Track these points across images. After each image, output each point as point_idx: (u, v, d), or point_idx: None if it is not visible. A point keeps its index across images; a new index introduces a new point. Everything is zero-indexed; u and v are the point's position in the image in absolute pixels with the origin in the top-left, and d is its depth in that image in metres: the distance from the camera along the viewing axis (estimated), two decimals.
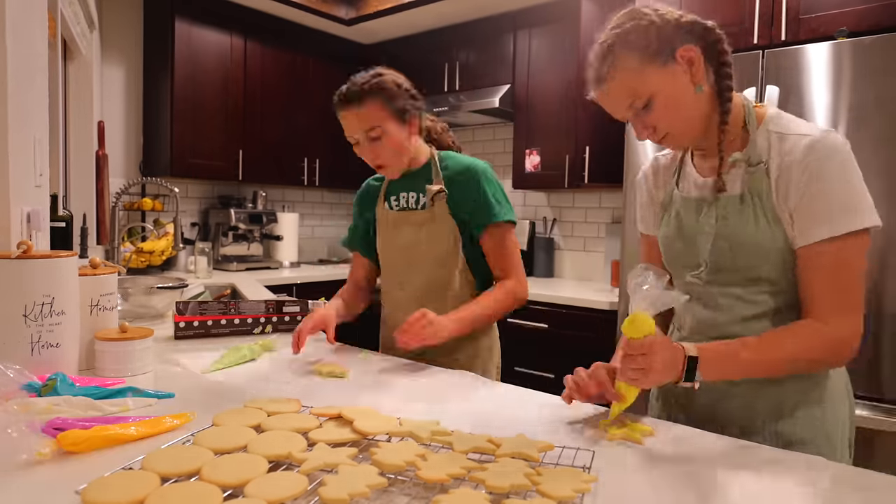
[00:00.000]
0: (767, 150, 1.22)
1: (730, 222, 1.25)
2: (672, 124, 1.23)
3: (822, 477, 0.99)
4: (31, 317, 1.27)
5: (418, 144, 1.85)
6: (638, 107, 1.22)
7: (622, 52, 1.20)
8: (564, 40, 3.83)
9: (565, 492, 0.86)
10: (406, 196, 1.86)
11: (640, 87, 1.20)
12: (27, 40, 1.60)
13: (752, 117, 1.26)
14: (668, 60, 1.19)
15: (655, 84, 1.20)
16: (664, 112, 1.22)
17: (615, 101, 1.24)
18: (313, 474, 0.89)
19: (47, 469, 0.93)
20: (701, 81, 1.21)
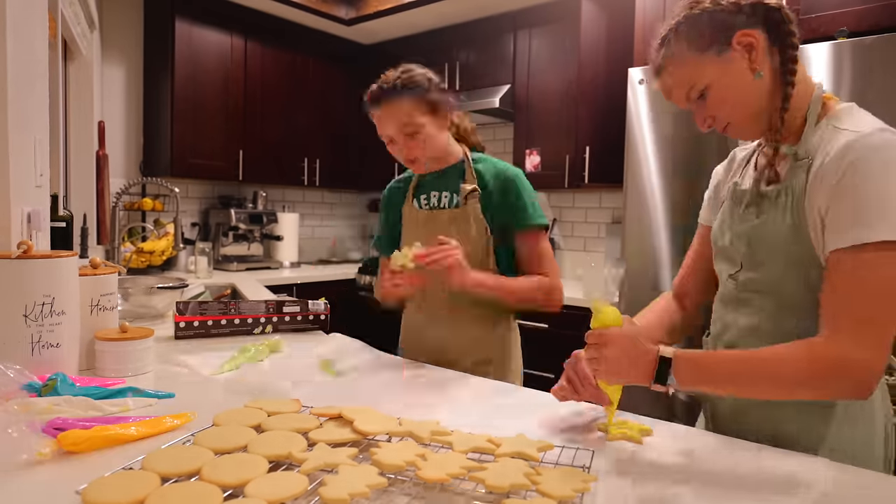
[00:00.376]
0: (818, 145, 1.13)
1: (762, 219, 1.19)
2: (730, 114, 1.19)
3: (822, 476, 0.99)
4: (32, 317, 1.27)
5: (450, 141, 1.83)
6: (694, 97, 1.19)
7: (676, 44, 1.18)
8: (565, 40, 3.83)
9: (565, 491, 0.86)
10: (438, 195, 1.82)
11: (693, 77, 1.17)
12: (28, 41, 1.60)
13: (816, 108, 1.17)
14: (724, 49, 1.14)
15: (710, 74, 1.16)
16: (721, 102, 1.17)
17: (673, 91, 1.22)
18: (313, 474, 0.89)
19: (47, 469, 0.93)
20: (760, 68, 1.14)
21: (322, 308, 2.07)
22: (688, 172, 2.81)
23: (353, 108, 4.97)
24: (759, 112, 1.18)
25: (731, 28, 1.14)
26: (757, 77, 1.15)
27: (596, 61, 3.62)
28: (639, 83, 2.94)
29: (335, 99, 4.84)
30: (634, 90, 2.96)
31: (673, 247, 2.87)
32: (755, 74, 1.15)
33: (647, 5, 3.02)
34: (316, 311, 2.06)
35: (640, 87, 2.94)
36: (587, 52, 3.59)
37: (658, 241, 2.92)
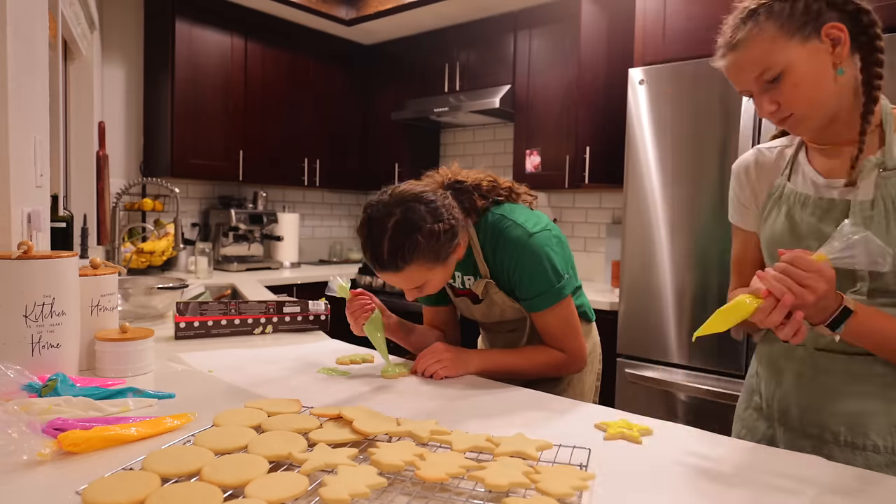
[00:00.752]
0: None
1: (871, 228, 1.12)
2: (800, 104, 1.14)
3: (822, 475, 0.99)
4: (32, 317, 1.27)
5: None
6: (767, 79, 1.14)
7: (764, 19, 1.13)
8: (565, 41, 3.83)
9: (564, 490, 0.86)
10: (461, 278, 1.72)
11: (774, 57, 1.12)
12: (28, 41, 1.60)
13: (890, 118, 1.17)
14: (812, 35, 1.11)
15: (792, 57, 1.12)
16: (794, 89, 1.13)
17: (744, 69, 1.17)
18: (313, 475, 0.89)
19: (47, 469, 0.93)
20: (844, 64, 1.13)
21: (322, 308, 2.07)
22: (688, 173, 2.81)
23: (354, 109, 4.97)
24: (827, 109, 1.16)
25: (822, 18, 1.11)
26: (839, 73, 1.13)
27: (596, 62, 3.62)
28: (639, 83, 2.94)
29: (335, 99, 4.84)
30: (635, 90, 2.96)
31: (673, 247, 2.87)
32: (837, 70, 1.13)
33: (647, 6, 3.02)
34: (316, 311, 2.06)
35: (640, 87, 2.94)
36: (587, 52, 3.59)
37: (658, 241, 2.92)
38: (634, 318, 3.02)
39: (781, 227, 1.27)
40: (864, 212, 1.14)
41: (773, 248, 1.27)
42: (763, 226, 1.32)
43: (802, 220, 1.23)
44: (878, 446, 1.17)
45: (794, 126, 1.19)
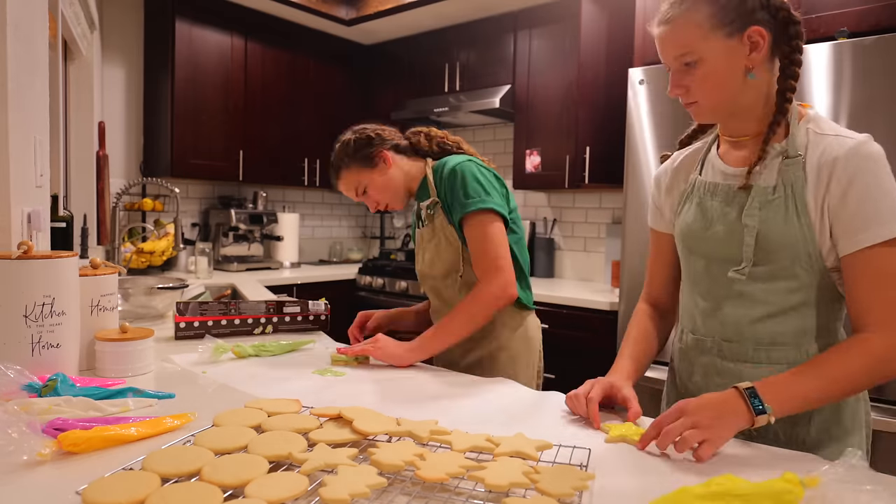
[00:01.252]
0: (805, 145, 1.19)
1: (760, 213, 1.20)
2: (706, 96, 1.20)
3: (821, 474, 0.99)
4: (32, 317, 1.27)
5: (406, 169, 1.87)
6: (684, 61, 1.19)
7: (696, 4, 1.16)
8: (565, 41, 3.83)
9: (564, 490, 0.86)
10: (421, 212, 1.88)
11: (694, 45, 1.17)
12: (28, 41, 1.60)
13: (795, 112, 1.22)
14: (735, 34, 1.15)
15: (709, 50, 1.16)
16: (703, 81, 1.18)
17: (667, 46, 1.21)
18: (313, 474, 0.89)
19: (47, 469, 0.93)
20: (755, 69, 1.18)
21: (322, 308, 2.07)
22: None
23: (354, 109, 4.97)
24: (730, 106, 1.22)
25: (752, 17, 1.15)
26: (749, 77, 1.18)
27: (596, 62, 3.62)
28: (639, 83, 2.94)
29: (335, 99, 4.84)
30: (635, 90, 2.96)
31: None
32: (748, 73, 1.18)
33: (647, 6, 3.02)
34: (316, 311, 2.06)
35: (640, 87, 2.94)
36: (587, 52, 3.59)
37: None
38: None
39: (693, 216, 1.33)
40: (766, 196, 1.20)
41: (686, 238, 1.35)
42: (677, 220, 1.39)
43: (712, 207, 1.29)
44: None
45: (695, 113, 1.25)
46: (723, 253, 1.27)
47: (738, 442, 1.14)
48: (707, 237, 1.29)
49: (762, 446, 1.13)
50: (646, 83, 2.92)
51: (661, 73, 2.88)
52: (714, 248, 1.29)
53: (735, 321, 1.27)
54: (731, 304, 1.27)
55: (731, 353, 1.29)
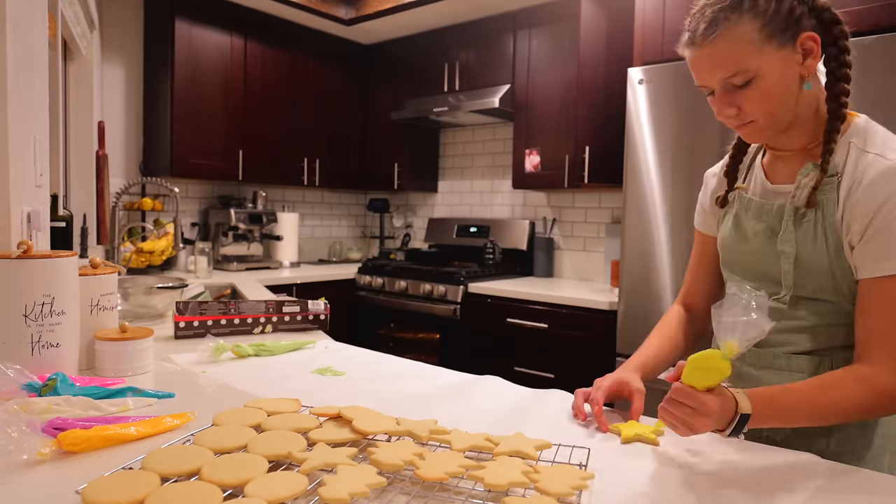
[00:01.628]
0: (843, 163, 1.12)
1: (799, 235, 1.16)
2: (764, 113, 1.11)
3: (819, 474, 0.99)
4: (32, 317, 1.28)
5: None
6: (736, 83, 1.10)
7: (746, 16, 1.07)
8: (564, 40, 3.83)
9: (563, 489, 0.86)
10: None
11: (747, 62, 1.07)
12: (27, 40, 1.60)
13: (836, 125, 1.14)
14: (788, 42, 1.07)
15: (766, 64, 1.07)
16: (761, 97, 1.09)
17: (713, 66, 1.11)
18: (313, 474, 0.89)
19: (47, 469, 0.93)
20: (811, 77, 1.10)
21: (322, 308, 2.07)
22: (687, 172, 2.81)
23: (353, 109, 4.97)
24: (789, 120, 1.14)
25: (801, 24, 1.08)
26: (805, 87, 1.11)
27: (596, 61, 3.62)
28: (638, 83, 2.94)
29: (335, 99, 4.84)
30: (634, 90, 2.96)
31: (673, 247, 2.88)
32: (803, 83, 1.11)
33: (646, 5, 3.02)
34: (316, 311, 2.06)
35: (639, 87, 2.94)
36: (587, 52, 3.59)
37: (658, 240, 2.92)
38: (633, 317, 3.02)
39: (729, 230, 1.29)
40: (798, 218, 1.16)
41: (723, 251, 1.32)
42: (719, 229, 1.35)
43: (747, 225, 1.25)
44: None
45: (751, 133, 1.17)
46: (755, 270, 1.24)
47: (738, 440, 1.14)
48: (740, 253, 1.27)
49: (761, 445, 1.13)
50: (645, 83, 2.92)
51: (660, 73, 2.88)
52: (747, 264, 1.26)
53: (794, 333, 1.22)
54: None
55: (754, 359, 1.27)
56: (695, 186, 2.80)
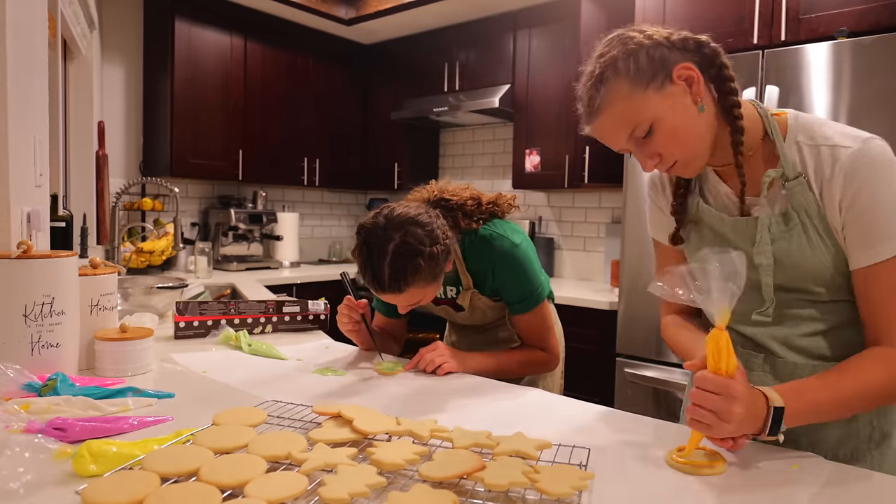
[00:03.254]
0: (801, 162, 1.13)
1: (778, 246, 1.15)
2: (679, 150, 1.13)
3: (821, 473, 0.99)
4: (32, 317, 1.27)
5: None
6: (639, 136, 1.13)
7: (613, 81, 1.10)
8: (564, 40, 3.83)
9: (564, 489, 0.86)
10: (443, 289, 1.80)
11: (638, 114, 1.10)
12: (27, 40, 1.60)
13: (775, 128, 1.16)
14: (665, 82, 1.10)
15: (655, 109, 1.10)
16: (669, 138, 1.11)
17: (612, 132, 1.15)
18: (313, 474, 0.89)
19: (46, 468, 0.92)
20: (702, 100, 1.12)
21: (322, 308, 2.07)
22: None
23: (353, 108, 4.97)
24: (706, 145, 1.15)
25: (668, 62, 1.10)
26: (701, 110, 1.12)
27: None
28: None
29: (335, 99, 4.84)
30: None
31: None
32: (699, 107, 1.12)
33: (646, 5, 3.02)
34: (316, 311, 2.06)
35: None
36: (587, 51, 3.58)
37: None
38: (633, 317, 3.02)
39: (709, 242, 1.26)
40: (780, 226, 1.15)
41: None
42: (688, 246, 1.32)
43: (725, 238, 1.23)
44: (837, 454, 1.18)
45: (681, 170, 1.17)
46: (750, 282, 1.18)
47: None
48: None
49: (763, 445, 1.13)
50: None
51: None
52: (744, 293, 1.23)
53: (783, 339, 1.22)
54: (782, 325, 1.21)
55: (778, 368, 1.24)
56: None
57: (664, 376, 2.88)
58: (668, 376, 2.87)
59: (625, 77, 1.10)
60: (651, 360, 2.95)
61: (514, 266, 1.67)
